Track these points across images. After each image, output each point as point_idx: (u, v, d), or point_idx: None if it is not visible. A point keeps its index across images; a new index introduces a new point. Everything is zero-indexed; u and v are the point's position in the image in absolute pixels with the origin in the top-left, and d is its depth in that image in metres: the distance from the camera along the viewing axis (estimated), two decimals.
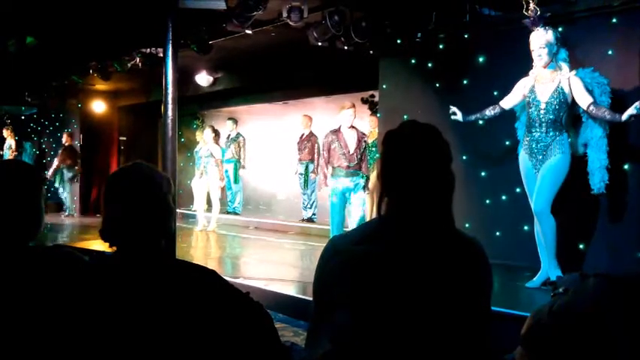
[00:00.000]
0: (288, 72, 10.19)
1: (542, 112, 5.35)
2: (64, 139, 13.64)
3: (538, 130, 5.37)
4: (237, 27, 7.09)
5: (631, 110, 4.90)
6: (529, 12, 5.47)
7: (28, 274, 1.85)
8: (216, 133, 10.76)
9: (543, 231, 5.38)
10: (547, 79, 5.38)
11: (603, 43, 5.90)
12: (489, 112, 5.75)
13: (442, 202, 1.61)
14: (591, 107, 5.19)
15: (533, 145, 5.40)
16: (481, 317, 1.61)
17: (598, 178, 5.41)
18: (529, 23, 5.49)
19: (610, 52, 5.88)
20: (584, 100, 5.23)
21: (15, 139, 14.42)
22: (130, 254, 1.74)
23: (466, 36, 7.07)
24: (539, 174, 5.37)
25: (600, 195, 5.53)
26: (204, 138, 10.98)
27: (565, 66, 5.37)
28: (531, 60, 5.48)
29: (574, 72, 5.34)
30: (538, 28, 5.39)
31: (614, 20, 5.91)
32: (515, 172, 5.88)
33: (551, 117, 5.31)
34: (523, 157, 5.52)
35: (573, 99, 5.31)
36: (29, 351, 1.73)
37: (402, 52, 7.79)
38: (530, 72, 5.53)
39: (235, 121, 12.30)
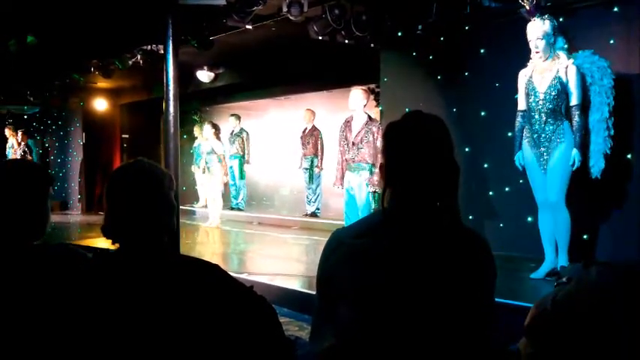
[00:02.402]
0: (289, 67, 10.18)
1: (540, 102, 5.32)
2: (8, 133, 13.67)
3: (538, 120, 5.35)
4: (238, 22, 7.08)
5: (576, 157, 5.14)
6: (525, 1, 5.41)
7: (34, 271, 1.87)
8: (216, 129, 10.71)
9: (558, 223, 5.35)
10: (545, 69, 5.33)
11: (605, 32, 5.87)
12: (518, 124, 5.57)
13: (447, 193, 1.61)
14: (571, 110, 5.26)
15: (535, 136, 5.38)
16: (484, 310, 1.61)
17: (593, 162, 5.35)
18: (525, 13, 5.44)
19: (612, 42, 5.85)
20: (572, 98, 5.25)
21: (17, 139, 14.41)
22: (132, 251, 1.74)
23: (467, 28, 7.05)
24: (548, 168, 5.33)
25: (598, 180, 5.47)
26: (203, 134, 10.93)
27: (563, 55, 5.33)
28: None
29: (572, 60, 5.30)
30: (535, 18, 5.33)
31: (615, 9, 5.88)
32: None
33: (550, 106, 5.28)
34: (525, 148, 5.50)
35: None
36: (35, 347, 1.74)
37: (402, 45, 7.78)
38: (529, 62, 5.49)
39: (238, 117, 12.29)
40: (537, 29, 5.27)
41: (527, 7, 5.39)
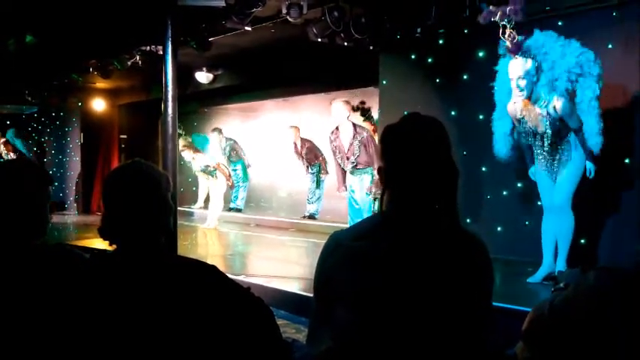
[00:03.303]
0: (288, 69, 10.17)
1: (543, 139, 5.30)
2: None
3: (545, 149, 5.33)
4: (237, 24, 7.08)
5: (592, 168, 5.20)
6: (506, 38, 5.16)
7: (31, 272, 1.87)
8: (189, 144, 10.50)
9: (562, 225, 5.34)
10: (533, 111, 5.23)
11: (603, 36, 5.88)
12: (523, 145, 5.55)
13: (445, 196, 1.60)
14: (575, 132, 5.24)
15: (543, 154, 5.35)
16: (481, 313, 1.60)
17: (593, 142, 5.19)
18: (507, 50, 5.24)
19: (610, 46, 5.86)
20: (570, 124, 5.19)
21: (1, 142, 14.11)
22: (130, 252, 1.74)
23: (466, 31, 7.05)
24: (560, 177, 5.33)
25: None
26: (185, 158, 10.64)
27: (546, 93, 5.17)
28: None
29: (555, 98, 5.13)
30: (517, 56, 5.17)
31: (614, 14, 5.89)
32: (515, 167, 5.87)
33: (553, 140, 5.28)
34: (536, 159, 5.45)
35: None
36: (32, 348, 1.74)
37: (402, 47, 7.78)
38: (512, 98, 5.34)
39: (219, 130, 11.78)
40: (518, 69, 5.15)
41: (509, 45, 5.18)
